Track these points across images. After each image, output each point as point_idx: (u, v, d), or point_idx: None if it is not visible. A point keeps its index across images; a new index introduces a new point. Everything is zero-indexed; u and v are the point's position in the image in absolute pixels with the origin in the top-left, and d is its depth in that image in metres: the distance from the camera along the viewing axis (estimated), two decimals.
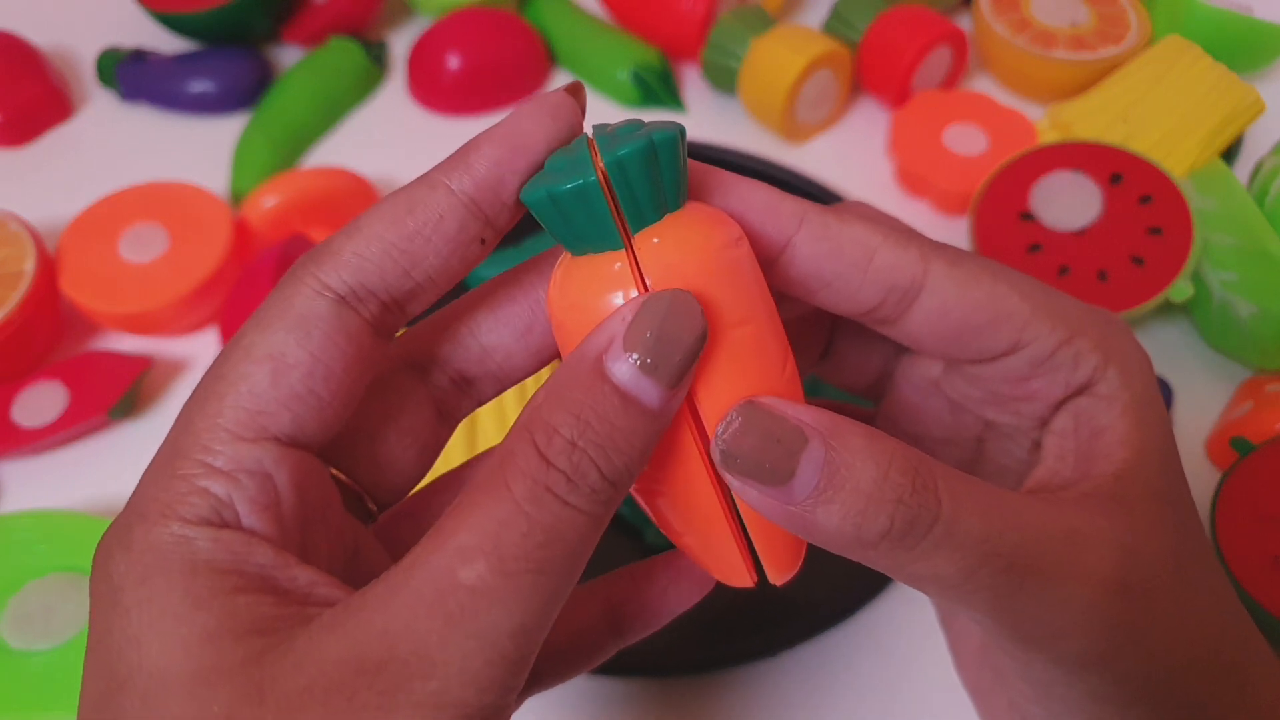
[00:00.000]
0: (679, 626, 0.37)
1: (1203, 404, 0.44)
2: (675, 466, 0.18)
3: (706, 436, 0.18)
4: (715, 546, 0.20)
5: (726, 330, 0.17)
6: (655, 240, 0.17)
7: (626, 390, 0.16)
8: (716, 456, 0.17)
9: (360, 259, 0.18)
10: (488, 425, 0.39)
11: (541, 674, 0.22)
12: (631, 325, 0.16)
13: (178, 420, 0.18)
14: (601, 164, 0.17)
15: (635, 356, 0.16)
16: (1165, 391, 0.42)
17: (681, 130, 0.17)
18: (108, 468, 0.42)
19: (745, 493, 0.17)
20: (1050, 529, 0.18)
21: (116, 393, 0.41)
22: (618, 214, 0.17)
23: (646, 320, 0.16)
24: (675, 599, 0.23)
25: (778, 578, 0.20)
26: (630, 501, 0.33)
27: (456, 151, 0.18)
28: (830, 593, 0.38)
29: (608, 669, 0.35)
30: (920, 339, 0.20)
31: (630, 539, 0.39)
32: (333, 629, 0.16)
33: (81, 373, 0.42)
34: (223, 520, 0.17)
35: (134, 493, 0.17)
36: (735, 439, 0.17)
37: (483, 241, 0.18)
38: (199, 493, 0.17)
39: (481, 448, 0.39)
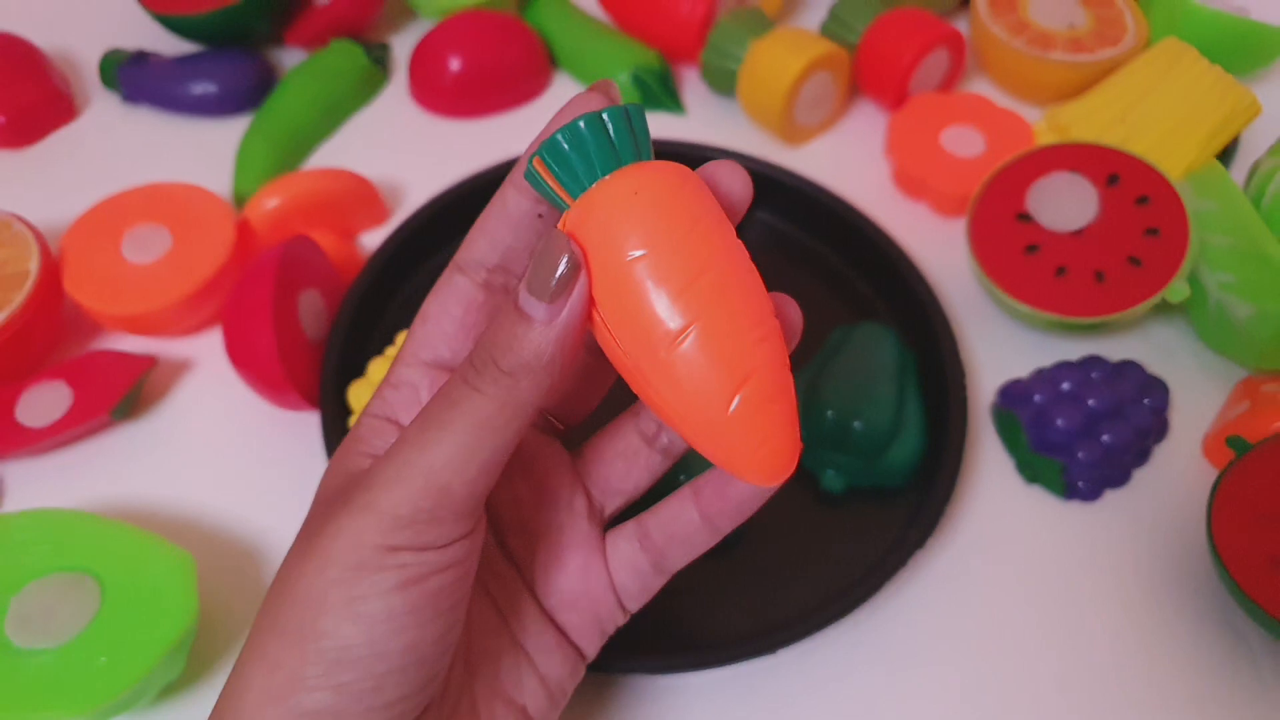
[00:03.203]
0: (676, 624, 0.37)
1: (1199, 404, 0.44)
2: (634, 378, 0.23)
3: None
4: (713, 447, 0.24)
5: (630, 264, 0.22)
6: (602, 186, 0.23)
7: (521, 309, 0.22)
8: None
9: (488, 251, 0.26)
10: None
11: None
12: (528, 266, 0.22)
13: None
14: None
15: (524, 283, 0.22)
16: (1162, 391, 0.43)
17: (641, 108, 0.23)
18: (110, 468, 0.42)
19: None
20: None
21: (119, 392, 0.42)
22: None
23: (532, 258, 0.22)
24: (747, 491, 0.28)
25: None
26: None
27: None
28: (827, 594, 0.38)
29: (604, 667, 0.35)
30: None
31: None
32: (346, 474, 0.25)
33: (85, 372, 0.43)
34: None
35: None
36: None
37: (540, 216, 0.25)
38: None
39: None
